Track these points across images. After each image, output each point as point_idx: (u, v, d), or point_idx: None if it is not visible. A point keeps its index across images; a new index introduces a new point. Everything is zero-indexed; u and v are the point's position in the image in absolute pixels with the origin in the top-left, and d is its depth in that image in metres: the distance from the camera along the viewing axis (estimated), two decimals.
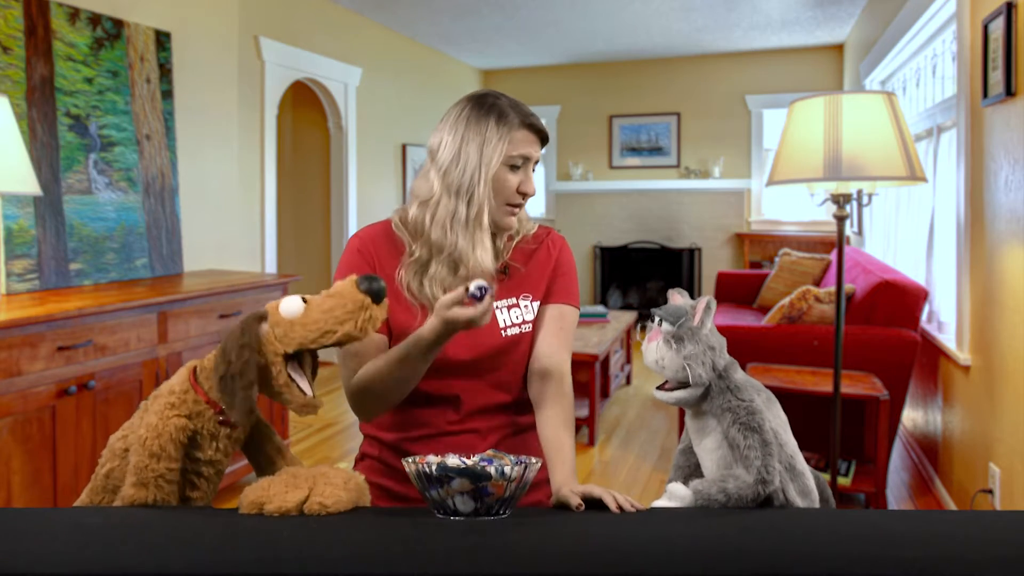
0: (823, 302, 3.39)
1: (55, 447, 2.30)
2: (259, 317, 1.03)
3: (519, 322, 1.35)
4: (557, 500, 1.12)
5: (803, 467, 1.06)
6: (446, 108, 1.36)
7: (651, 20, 5.91)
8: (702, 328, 1.06)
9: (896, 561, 0.80)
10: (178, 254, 3.49)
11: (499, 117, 1.29)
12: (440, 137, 1.32)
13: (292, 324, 1.02)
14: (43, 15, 2.91)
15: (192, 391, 1.03)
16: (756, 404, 1.03)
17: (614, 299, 7.66)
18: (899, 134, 2.22)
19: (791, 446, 1.06)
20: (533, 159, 1.32)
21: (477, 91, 1.36)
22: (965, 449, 2.83)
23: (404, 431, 1.34)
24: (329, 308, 1.02)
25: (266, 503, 0.97)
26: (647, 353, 1.09)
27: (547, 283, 1.39)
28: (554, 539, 0.92)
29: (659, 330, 1.09)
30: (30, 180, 2.46)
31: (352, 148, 5.63)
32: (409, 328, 1.27)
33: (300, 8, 5.01)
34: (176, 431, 1.00)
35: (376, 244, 1.34)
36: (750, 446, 1.00)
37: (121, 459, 1.05)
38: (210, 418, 1.03)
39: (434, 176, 1.30)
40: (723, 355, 1.07)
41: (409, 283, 1.30)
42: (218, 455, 1.06)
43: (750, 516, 0.97)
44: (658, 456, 3.75)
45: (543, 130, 1.33)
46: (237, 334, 1.01)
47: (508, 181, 1.29)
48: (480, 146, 1.28)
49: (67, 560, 0.82)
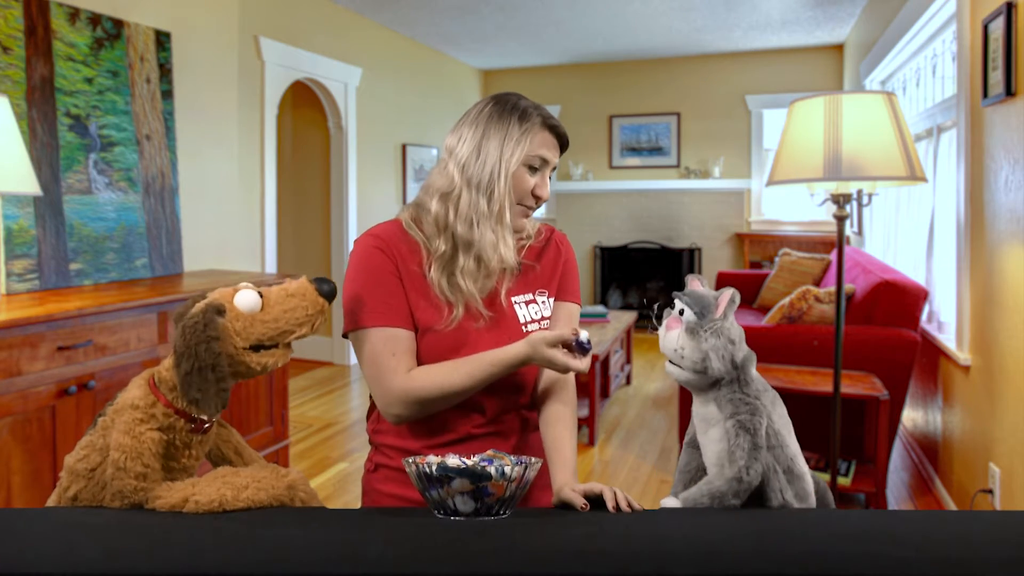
0: (823, 302, 3.38)
1: (55, 447, 2.30)
2: (217, 310, 1.01)
3: (538, 318, 1.34)
4: (559, 500, 1.12)
5: (802, 470, 1.06)
6: (446, 108, 1.36)
7: (651, 20, 5.91)
8: (724, 320, 1.05)
9: (896, 561, 0.80)
10: (178, 254, 3.49)
11: (522, 116, 1.28)
12: (459, 133, 1.30)
13: (252, 319, 1.01)
14: (43, 15, 2.91)
15: (158, 403, 1.00)
16: (760, 404, 1.03)
17: (614, 299, 7.66)
18: (899, 134, 2.22)
19: (792, 448, 1.05)
20: (551, 163, 1.31)
21: (499, 92, 1.34)
22: (965, 449, 2.83)
23: (430, 438, 1.29)
24: (291, 308, 1.02)
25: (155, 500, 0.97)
26: (666, 340, 1.08)
27: (558, 280, 1.39)
28: (554, 539, 0.92)
29: (678, 317, 1.08)
30: (30, 180, 2.46)
31: (352, 148, 5.63)
32: (436, 323, 1.26)
33: (300, 8, 5.01)
34: (154, 445, 0.97)
35: (395, 242, 1.30)
36: (739, 445, 1.00)
37: (87, 479, 1.01)
38: (182, 428, 1.01)
39: (453, 169, 1.28)
40: (742, 347, 1.06)
41: (440, 280, 1.27)
42: (192, 461, 1.04)
43: (749, 516, 0.97)
44: (658, 456, 3.75)
45: (564, 134, 1.32)
46: (200, 328, 0.98)
47: (525, 181, 1.28)
48: (501, 143, 1.26)
49: (67, 560, 0.82)
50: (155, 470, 0.97)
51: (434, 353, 1.26)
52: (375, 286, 1.25)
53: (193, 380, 0.97)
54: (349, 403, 4.74)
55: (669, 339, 1.07)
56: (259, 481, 1.00)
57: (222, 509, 0.96)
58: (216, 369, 0.98)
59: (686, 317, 1.06)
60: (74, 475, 1.02)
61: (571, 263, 1.42)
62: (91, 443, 1.02)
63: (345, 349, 5.70)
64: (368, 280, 1.26)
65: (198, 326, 0.99)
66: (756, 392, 1.04)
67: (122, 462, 0.96)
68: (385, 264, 1.27)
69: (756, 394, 1.04)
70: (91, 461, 1.01)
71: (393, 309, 1.25)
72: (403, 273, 1.27)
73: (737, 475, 0.99)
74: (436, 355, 1.26)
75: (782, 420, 1.07)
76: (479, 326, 1.28)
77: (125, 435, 0.97)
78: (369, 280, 1.26)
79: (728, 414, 1.03)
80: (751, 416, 1.01)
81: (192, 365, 0.97)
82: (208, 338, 0.98)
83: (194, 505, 0.95)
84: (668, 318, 1.10)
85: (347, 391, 5.01)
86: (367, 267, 1.27)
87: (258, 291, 1.04)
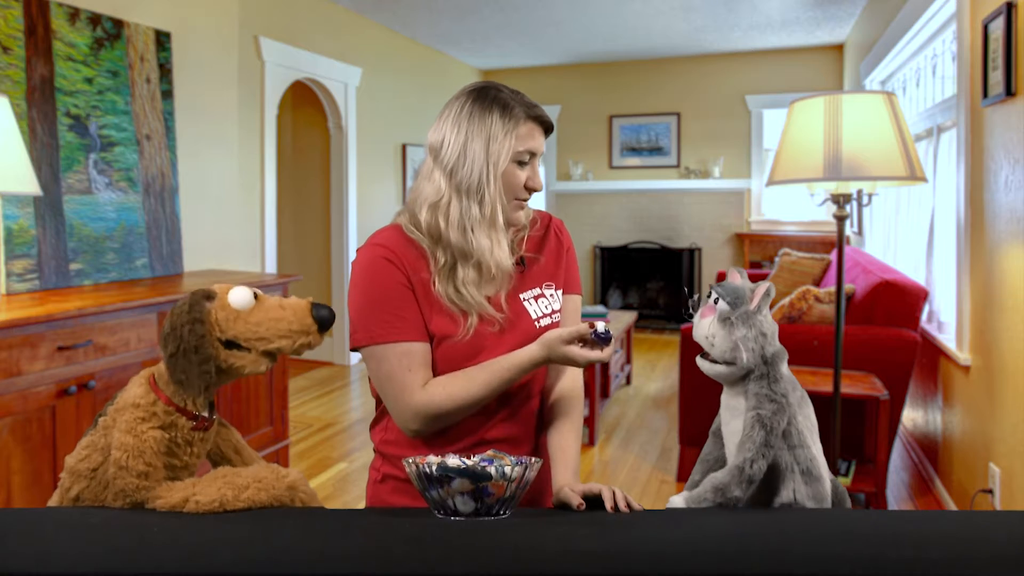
0: (823, 302, 3.38)
1: (55, 447, 2.30)
2: (206, 295, 1.01)
3: (549, 312, 1.32)
4: (558, 500, 1.12)
5: (821, 473, 1.04)
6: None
7: (651, 20, 5.90)
8: (758, 312, 1.05)
9: (896, 561, 0.80)
10: (178, 254, 3.49)
11: (503, 111, 1.23)
12: (442, 134, 1.26)
13: (237, 316, 1.01)
14: (43, 15, 2.91)
15: (159, 401, 0.99)
16: (785, 402, 1.02)
17: (614, 299, 7.66)
18: (899, 134, 2.22)
19: (813, 450, 1.04)
20: (539, 153, 1.28)
21: (476, 84, 1.29)
22: (965, 449, 2.83)
23: (443, 447, 1.25)
24: (276, 318, 1.01)
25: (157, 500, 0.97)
26: (699, 327, 1.08)
27: (563, 271, 1.38)
28: (554, 539, 0.92)
29: (713, 306, 1.08)
30: (30, 180, 2.46)
31: (352, 148, 5.63)
32: (452, 333, 1.22)
33: (300, 8, 5.01)
34: (155, 444, 0.97)
35: (402, 250, 1.25)
36: (751, 437, 1.00)
37: (89, 479, 1.01)
38: (183, 426, 1.00)
39: (439, 176, 1.24)
40: (774, 342, 1.06)
41: (447, 291, 1.23)
42: (193, 459, 1.04)
43: (748, 515, 0.97)
44: (658, 456, 3.75)
45: (548, 120, 1.28)
46: (185, 309, 0.99)
47: (516, 177, 1.25)
48: (486, 143, 1.22)
49: (67, 560, 0.82)
50: (157, 468, 0.97)
51: (450, 361, 1.23)
52: (386, 299, 1.21)
53: (178, 362, 0.98)
54: (349, 403, 4.74)
55: (701, 327, 1.08)
56: (260, 481, 1.00)
57: (223, 509, 0.96)
58: (199, 351, 0.98)
59: (720, 306, 1.06)
60: (76, 475, 1.01)
61: (572, 253, 1.41)
62: (92, 443, 1.01)
63: (345, 349, 5.70)
64: (378, 293, 1.21)
65: (183, 307, 0.99)
66: (784, 390, 1.03)
67: (124, 461, 0.96)
68: (395, 275, 1.22)
69: (783, 391, 1.03)
70: (92, 461, 1.00)
71: (406, 322, 1.21)
72: (415, 282, 1.23)
73: (740, 464, 0.99)
74: (452, 363, 1.23)
75: (807, 421, 1.06)
76: (494, 330, 1.25)
77: (127, 434, 0.97)
78: (379, 293, 1.21)
79: (752, 406, 1.02)
80: (773, 414, 1.01)
81: (177, 347, 0.97)
82: (192, 320, 0.98)
83: (194, 505, 0.95)
84: (703, 306, 1.10)
85: (347, 391, 5.01)
86: (376, 278, 1.22)
87: (254, 293, 1.03)
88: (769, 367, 1.04)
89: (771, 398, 1.02)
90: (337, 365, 5.73)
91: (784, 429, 1.02)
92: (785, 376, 1.05)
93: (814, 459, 1.04)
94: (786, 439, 1.03)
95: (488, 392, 1.20)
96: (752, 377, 1.04)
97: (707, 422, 3.69)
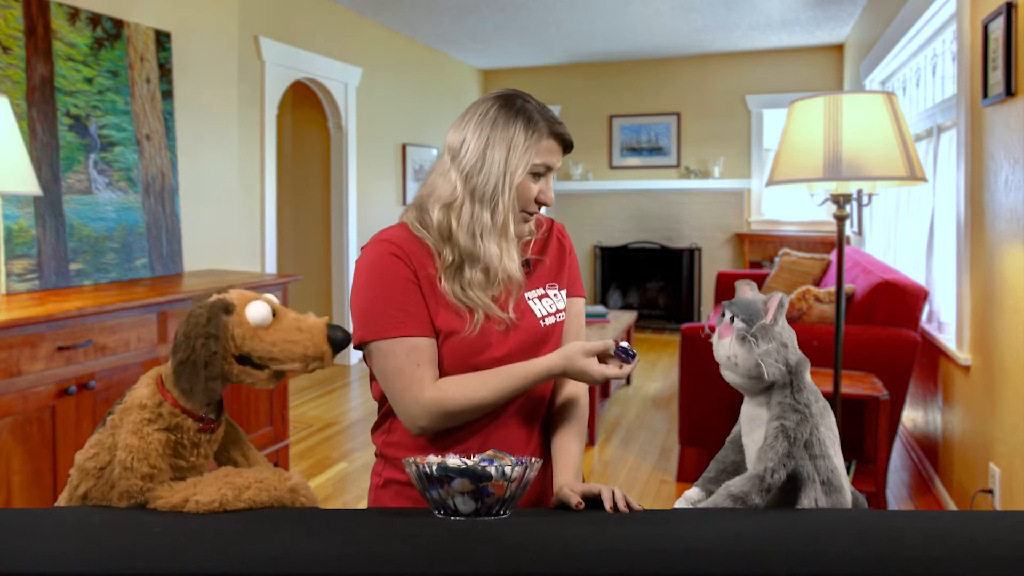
0: (823, 302, 3.38)
1: (55, 447, 2.30)
2: (225, 307, 1.00)
3: (553, 311, 1.33)
4: (557, 500, 1.12)
5: (841, 484, 1.04)
6: (446, 108, 1.34)
7: (651, 20, 5.91)
8: (775, 325, 1.04)
9: (896, 561, 0.80)
10: (178, 254, 3.49)
11: (528, 123, 1.23)
12: (463, 135, 1.26)
13: (254, 333, 0.99)
14: (43, 15, 2.91)
15: (166, 403, 0.99)
16: (808, 413, 1.02)
17: (614, 299, 7.66)
18: (899, 134, 2.22)
19: (834, 460, 1.04)
20: (555, 168, 1.28)
21: (503, 91, 1.29)
22: (965, 449, 2.83)
23: (450, 447, 1.24)
24: (293, 341, 1.00)
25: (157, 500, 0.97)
26: (719, 348, 1.08)
27: (566, 273, 1.39)
28: (554, 539, 0.92)
29: (730, 326, 1.07)
30: (30, 180, 2.46)
31: (352, 148, 5.63)
32: (458, 329, 1.22)
33: (300, 8, 5.01)
34: (161, 446, 0.97)
35: (409, 247, 1.25)
36: (774, 447, 1.00)
37: (97, 478, 1.00)
38: (190, 427, 1.00)
39: (456, 178, 1.24)
40: (795, 351, 1.05)
41: (453, 289, 1.23)
42: (200, 460, 1.03)
43: (749, 517, 0.97)
44: (658, 456, 3.75)
45: (569, 139, 1.29)
46: (203, 322, 0.97)
47: (529, 190, 1.25)
48: (506, 152, 1.22)
49: (67, 560, 0.82)
50: (162, 470, 0.97)
51: (456, 357, 1.23)
52: (393, 294, 1.21)
53: (184, 370, 0.97)
54: (349, 403, 4.74)
55: (722, 347, 1.07)
56: (261, 482, 0.99)
57: (223, 509, 0.96)
58: (208, 367, 0.97)
59: (736, 324, 1.06)
60: (84, 473, 1.01)
61: (574, 256, 1.42)
62: (100, 441, 1.01)
63: (346, 349, 5.69)
64: (385, 287, 1.21)
65: (201, 319, 0.98)
66: (807, 399, 1.03)
67: (129, 462, 0.95)
68: (402, 270, 1.22)
69: (807, 402, 1.02)
70: (101, 459, 1.00)
71: (414, 317, 1.21)
72: (421, 278, 1.23)
73: (760, 473, 0.98)
74: (458, 359, 1.23)
75: (829, 432, 1.05)
76: (500, 328, 1.26)
77: (132, 435, 0.96)
78: (386, 287, 1.21)
79: (775, 415, 1.02)
80: (797, 424, 1.00)
81: (187, 356, 0.97)
82: (207, 334, 0.97)
83: (195, 505, 0.95)
84: (720, 326, 1.09)
85: (347, 391, 5.02)
86: (383, 274, 1.22)
87: (274, 309, 1.02)
88: (793, 376, 1.04)
89: (795, 408, 1.01)
90: (337, 365, 5.73)
91: (806, 439, 1.02)
92: (808, 385, 1.05)
93: (835, 470, 1.03)
94: (808, 449, 1.02)
95: (500, 396, 1.20)
96: (776, 386, 1.04)
97: (707, 422, 3.69)
